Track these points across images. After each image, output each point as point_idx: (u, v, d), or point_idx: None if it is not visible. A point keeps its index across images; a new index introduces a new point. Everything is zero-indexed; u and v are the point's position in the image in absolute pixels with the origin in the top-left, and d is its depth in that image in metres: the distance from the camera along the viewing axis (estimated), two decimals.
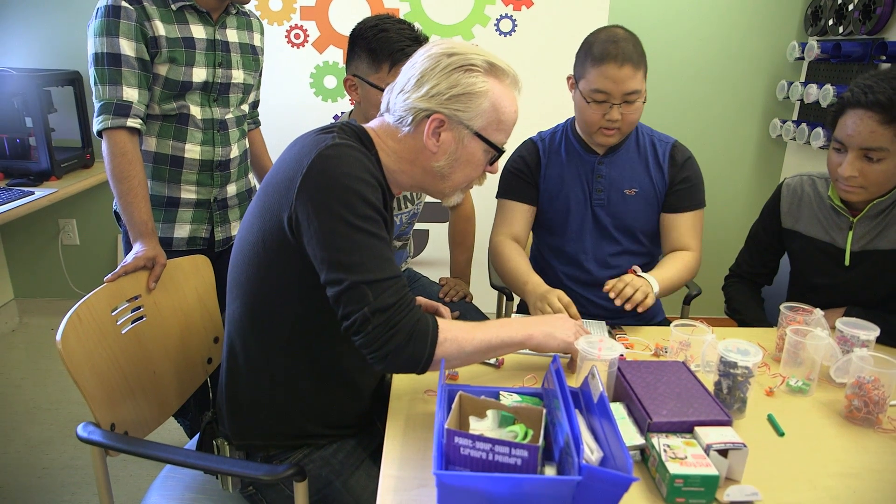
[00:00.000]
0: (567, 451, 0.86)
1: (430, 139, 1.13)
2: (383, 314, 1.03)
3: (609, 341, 1.20)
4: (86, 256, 3.23)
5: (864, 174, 1.42)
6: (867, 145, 1.39)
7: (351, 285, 1.03)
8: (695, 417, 1.04)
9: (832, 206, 1.57)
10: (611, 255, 1.73)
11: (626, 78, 1.51)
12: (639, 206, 1.70)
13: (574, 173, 1.72)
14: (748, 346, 1.17)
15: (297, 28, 2.81)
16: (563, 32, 2.81)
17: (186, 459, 1.14)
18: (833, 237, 1.58)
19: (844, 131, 1.42)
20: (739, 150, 3.16)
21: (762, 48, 3.00)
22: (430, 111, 1.11)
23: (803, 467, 1.04)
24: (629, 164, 1.70)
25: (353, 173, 1.05)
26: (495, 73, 1.14)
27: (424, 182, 1.20)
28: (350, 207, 1.03)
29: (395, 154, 1.17)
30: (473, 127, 1.13)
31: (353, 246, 1.03)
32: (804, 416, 1.20)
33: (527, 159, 1.75)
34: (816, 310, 1.38)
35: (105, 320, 1.31)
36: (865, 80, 1.40)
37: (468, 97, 1.11)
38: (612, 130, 1.60)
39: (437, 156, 1.15)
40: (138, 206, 1.59)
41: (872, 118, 1.37)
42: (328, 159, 1.05)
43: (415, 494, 0.94)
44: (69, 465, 2.18)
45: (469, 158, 1.16)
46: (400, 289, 1.07)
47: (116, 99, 1.57)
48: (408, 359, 1.06)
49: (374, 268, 1.04)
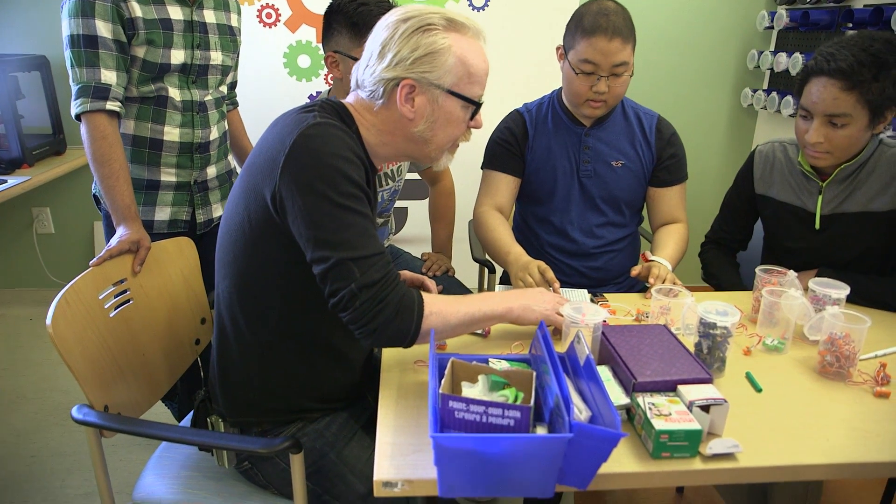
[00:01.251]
0: (557, 412, 0.90)
1: (405, 106, 1.13)
2: (370, 290, 1.05)
3: (592, 307, 1.23)
4: (61, 244, 3.19)
5: (830, 140, 1.46)
6: (831, 112, 1.43)
7: (337, 262, 1.04)
8: (677, 377, 1.08)
9: (802, 172, 1.62)
10: (596, 226, 1.77)
11: (616, 51, 1.54)
12: (625, 177, 1.74)
13: (561, 144, 1.74)
14: (726, 308, 1.21)
15: (269, 7, 2.77)
16: (536, 5, 2.81)
17: (183, 436, 1.16)
18: (804, 201, 1.62)
19: (809, 99, 1.46)
20: (711, 120, 3.21)
21: (732, 18, 3.04)
22: (397, 79, 1.11)
23: (780, 420, 1.09)
24: (615, 136, 1.74)
25: (335, 152, 1.06)
26: (455, 27, 1.14)
27: (409, 149, 1.21)
28: (334, 185, 1.04)
29: (374, 127, 1.18)
30: (444, 85, 1.13)
31: (338, 224, 1.05)
32: (780, 373, 1.25)
33: (513, 130, 1.77)
34: (790, 271, 1.43)
35: (93, 304, 1.32)
36: (828, 48, 1.43)
37: (432, 56, 1.11)
38: (598, 102, 1.62)
39: (415, 121, 1.15)
40: (120, 190, 1.58)
41: (835, 85, 1.40)
42: (310, 138, 1.06)
43: (411, 459, 0.97)
44: (58, 451, 2.17)
45: (448, 118, 1.16)
46: (385, 264, 1.09)
47: (94, 82, 1.55)
48: (395, 332, 1.09)
49: (360, 245, 1.06)
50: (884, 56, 1.36)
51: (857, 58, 1.37)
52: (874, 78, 1.36)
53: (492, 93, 2.85)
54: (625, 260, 1.82)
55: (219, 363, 1.26)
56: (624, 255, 1.82)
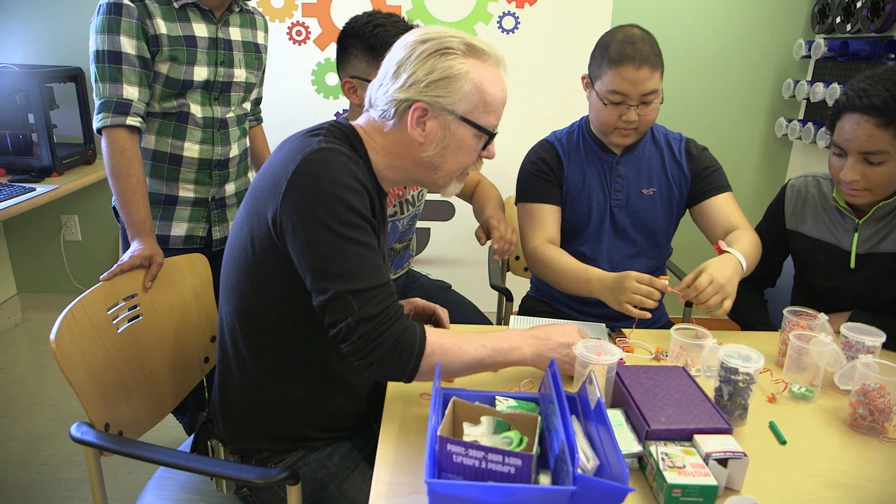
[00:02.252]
0: (562, 459, 0.85)
1: (415, 129, 1.10)
2: (368, 324, 1.02)
3: (608, 346, 1.18)
4: (87, 252, 3.23)
5: (866, 177, 1.40)
6: (866, 149, 1.37)
7: (335, 295, 1.01)
8: (694, 425, 1.02)
9: (837, 208, 1.55)
10: (627, 258, 1.71)
11: (644, 79, 1.49)
12: (657, 205, 1.69)
13: (594, 173, 1.70)
14: (750, 352, 1.15)
15: (299, 25, 2.79)
16: (567, 29, 2.78)
17: (179, 461, 1.13)
18: (838, 239, 1.55)
19: (843, 136, 1.40)
20: (744, 150, 3.13)
21: (768, 46, 2.97)
22: (410, 100, 1.08)
23: (805, 477, 1.02)
24: (646, 162, 1.69)
25: (338, 180, 1.03)
26: (475, 53, 1.09)
27: (417, 174, 1.17)
28: (335, 215, 1.01)
29: (384, 150, 1.15)
30: (458, 112, 1.09)
31: (338, 254, 1.02)
32: (807, 423, 1.18)
33: (548, 161, 1.72)
34: (821, 314, 1.35)
35: (100, 319, 1.30)
36: (860, 83, 1.38)
37: (447, 81, 1.07)
38: (628, 131, 1.58)
39: (425, 146, 1.11)
40: (136, 205, 1.59)
41: (869, 122, 1.34)
42: (313, 164, 1.03)
43: (407, 501, 0.92)
44: (68, 461, 2.17)
45: (459, 145, 1.12)
46: (386, 297, 1.05)
47: (116, 97, 1.56)
48: (393, 368, 1.05)
49: (360, 276, 1.02)
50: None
51: (891, 93, 1.31)
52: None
53: (521, 118, 2.85)
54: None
55: (220, 388, 1.23)
56: None
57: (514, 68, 2.89)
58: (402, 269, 1.97)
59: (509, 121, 2.88)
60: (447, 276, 2.10)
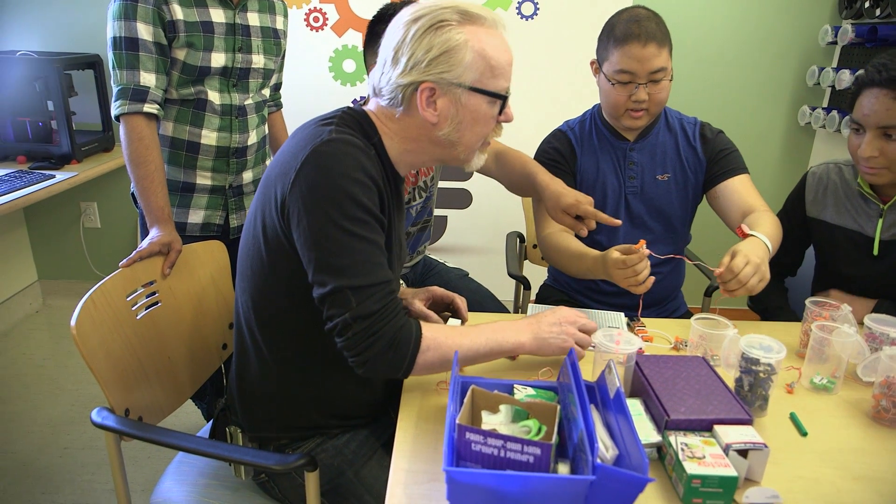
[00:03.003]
0: (581, 449, 0.84)
1: (427, 110, 1.07)
2: (364, 321, 1.01)
3: (627, 335, 1.17)
4: (107, 239, 3.26)
5: (885, 153, 1.38)
6: (884, 123, 1.36)
7: (334, 290, 1.01)
8: (714, 415, 1.01)
9: (860, 193, 1.52)
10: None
11: (651, 56, 1.47)
12: (672, 191, 1.67)
13: (608, 160, 1.68)
14: (771, 343, 1.14)
15: (316, 11, 2.78)
16: (586, 15, 2.75)
17: (198, 447, 1.14)
18: (861, 225, 1.53)
19: (861, 111, 1.39)
20: (766, 138, 3.08)
21: (792, 31, 2.91)
22: (415, 83, 1.05)
23: (826, 469, 1.01)
24: (660, 148, 1.66)
25: (346, 173, 1.01)
26: (471, 19, 1.06)
27: (437, 154, 1.15)
28: (341, 209, 1.00)
29: (397, 135, 1.13)
30: (466, 83, 1.06)
31: (341, 249, 1.01)
32: (828, 415, 1.16)
33: (561, 150, 1.70)
34: (844, 305, 1.33)
35: (120, 305, 1.31)
36: (880, 59, 1.37)
37: (448, 55, 1.04)
38: (639, 112, 1.56)
39: (440, 124, 1.09)
40: (155, 192, 1.59)
41: (888, 95, 1.34)
42: (323, 156, 1.02)
43: (425, 489, 0.92)
44: (89, 445, 2.21)
45: (474, 116, 1.09)
46: (385, 295, 1.04)
47: (133, 84, 1.56)
48: (387, 365, 1.05)
49: (360, 273, 1.01)
50: None
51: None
52: None
53: (540, 105, 2.81)
54: (671, 282, 1.74)
55: (238, 376, 1.24)
56: (671, 278, 1.74)
57: (534, 54, 2.86)
58: (419, 254, 1.96)
59: (529, 107, 2.87)
60: (464, 264, 2.10)
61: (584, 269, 1.51)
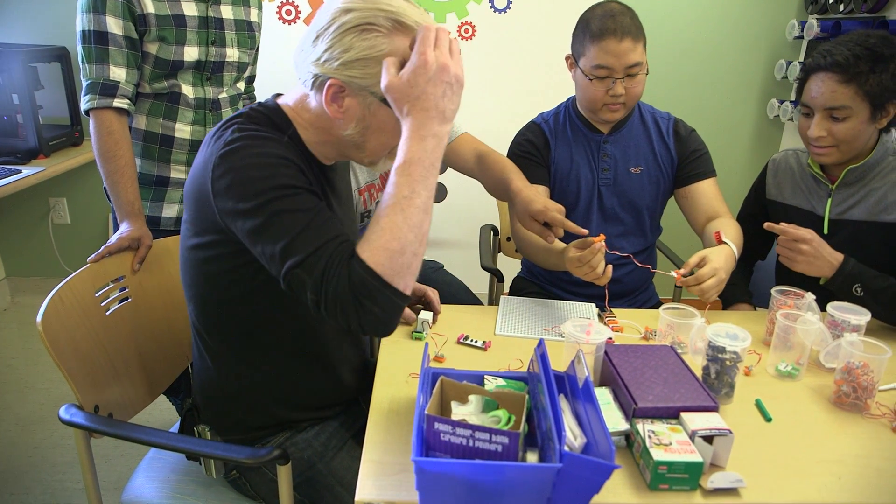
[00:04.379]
0: (549, 437, 0.85)
1: (331, 105, 1.01)
2: (321, 288, 0.92)
3: (597, 325, 1.18)
4: (77, 235, 3.21)
5: (832, 133, 1.45)
6: (830, 104, 1.43)
7: (287, 275, 0.94)
8: (681, 403, 1.02)
9: (812, 175, 1.60)
10: (615, 237, 1.71)
11: (627, 51, 1.49)
12: (644, 184, 1.69)
13: (582, 153, 1.70)
14: (737, 331, 1.16)
15: (289, 4, 2.76)
16: (559, 8, 2.76)
17: (169, 442, 1.13)
18: (813, 205, 1.60)
19: (809, 94, 1.47)
20: (737, 130, 3.13)
21: (761, 26, 2.95)
22: (324, 77, 0.99)
23: (789, 453, 1.03)
24: (634, 141, 1.69)
25: (252, 162, 0.97)
26: (402, 30, 0.97)
27: (345, 151, 1.11)
28: (257, 197, 0.95)
29: (312, 126, 1.08)
30: (378, 94, 0.98)
31: (274, 232, 0.95)
32: (793, 401, 1.19)
33: (535, 142, 1.72)
34: (808, 294, 1.36)
35: (88, 302, 1.30)
36: (825, 45, 1.45)
37: (365, 62, 0.97)
38: (616, 105, 1.58)
39: (344, 123, 1.03)
40: (125, 186, 1.57)
41: (832, 79, 1.41)
42: (227, 158, 0.98)
43: (395, 480, 0.93)
44: (60, 444, 2.18)
45: (382, 127, 1.03)
46: (325, 254, 0.94)
47: (103, 78, 1.54)
48: (373, 318, 0.93)
49: (298, 246, 0.94)
50: (880, 49, 1.38)
51: (852, 51, 1.38)
52: (871, 70, 1.38)
53: (513, 98, 2.82)
54: (642, 273, 1.77)
55: (199, 381, 1.24)
56: (641, 269, 1.77)
57: (507, 48, 2.87)
58: None
59: (502, 99, 2.88)
60: (439, 257, 2.10)
61: (551, 264, 1.55)
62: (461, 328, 1.39)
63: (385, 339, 1.35)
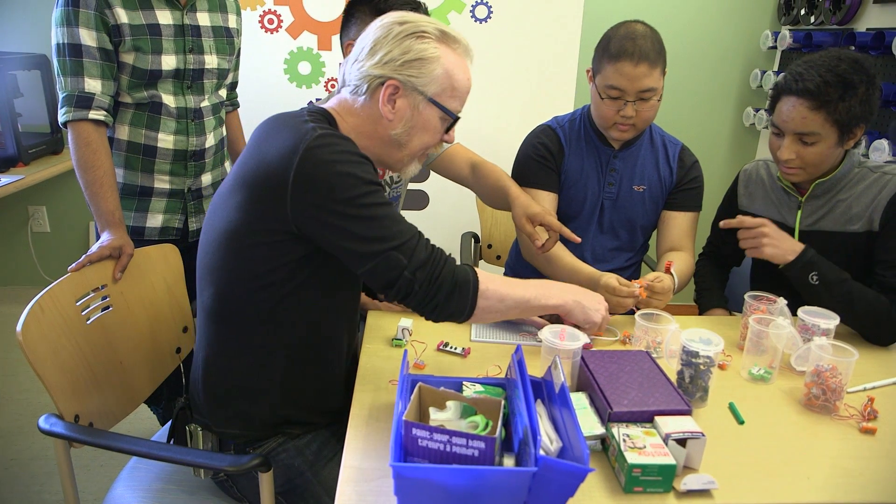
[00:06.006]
0: (525, 442, 0.87)
1: (386, 106, 1.14)
2: (423, 270, 1.08)
3: (573, 331, 1.20)
4: (56, 244, 3.19)
5: (801, 156, 1.49)
6: (800, 130, 1.45)
7: (382, 256, 1.06)
8: (655, 407, 1.05)
9: (783, 188, 1.64)
10: (609, 250, 1.75)
11: (642, 76, 1.51)
12: (644, 203, 1.73)
13: (592, 164, 1.72)
14: (711, 336, 1.19)
15: (271, 13, 2.76)
16: (539, 19, 2.79)
17: (149, 451, 1.14)
18: (784, 216, 1.64)
19: (780, 117, 1.49)
20: (714, 138, 3.18)
21: (736, 36, 3.02)
22: (384, 77, 1.12)
23: (761, 455, 1.06)
24: (641, 160, 1.72)
25: (344, 158, 1.06)
26: (447, 40, 1.15)
27: (382, 154, 1.21)
28: (352, 191, 1.05)
29: (354, 131, 1.17)
30: (427, 93, 1.14)
31: (370, 223, 1.06)
32: (765, 404, 1.22)
33: (549, 146, 1.73)
34: (780, 299, 1.40)
35: (69, 311, 1.30)
36: (797, 68, 1.46)
37: (421, 63, 1.12)
38: (626, 126, 1.60)
39: (394, 123, 1.16)
40: (104, 196, 1.57)
41: (803, 105, 1.43)
42: (318, 152, 1.04)
43: (375, 485, 0.94)
44: (38, 455, 2.15)
45: (425, 125, 1.17)
46: (427, 243, 1.12)
47: (78, 91, 1.54)
48: (456, 307, 1.12)
49: (396, 234, 1.08)
50: (849, 77, 1.39)
51: (823, 78, 1.40)
52: (840, 98, 1.40)
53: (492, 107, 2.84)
54: None
55: (203, 375, 1.23)
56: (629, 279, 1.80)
57: (487, 58, 2.89)
58: None
59: (480, 109, 2.90)
60: None
61: (575, 282, 1.57)
62: (441, 335, 1.41)
63: (365, 347, 1.36)
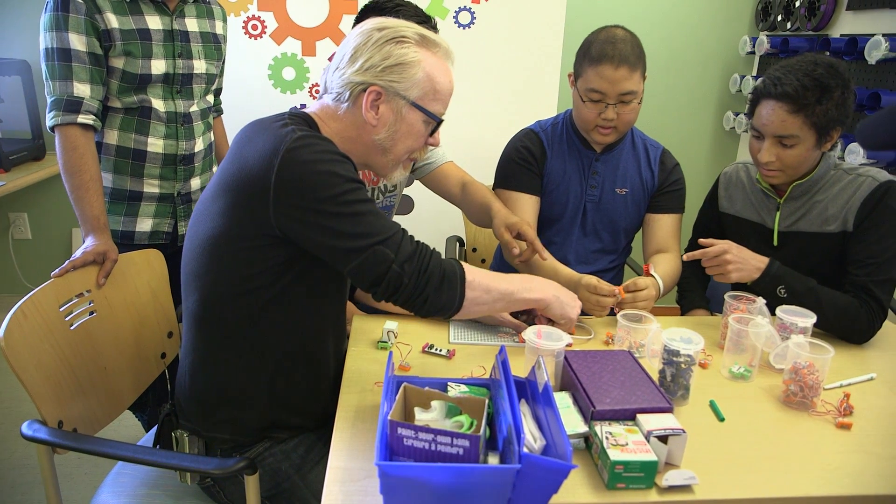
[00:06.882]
0: (509, 440, 0.88)
1: (369, 112, 1.15)
2: (411, 262, 1.08)
3: (556, 331, 1.22)
4: (38, 251, 3.15)
5: (781, 159, 1.51)
6: (780, 133, 1.48)
7: (368, 251, 1.06)
8: (637, 405, 1.07)
9: (762, 190, 1.67)
10: (592, 252, 1.77)
11: (622, 79, 1.54)
12: (627, 205, 1.75)
13: (574, 167, 1.74)
14: (691, 335, 1.21)
15: (255, 19, 2.77)
16: (522, 25, 2.82)
17: (135, 455, 1.13)
18: (763, 218, 1.67)
19: (760, 120, 1.52)
20: (695, 142, 3.23)
21: (715, 42, 3.06)
22: (366, 84, 1.13)
23: (741, 451, 1.08)
24: (623, 163, 1.74)
25: (323, 158, 1.07)
26: (427, 44, 1.17)
27: (368, 159, 1.22)
28: (334, 190, 1.05)
29: (337, 135, 1.18)
30: (410, 97, 1.15)
31: (354, 220, 1.07)
32: (745, 401, 1.24)
33: (531, 149, 1.75)
34: (759, 298, 1.42)
35: (52, 316, 1.29)
36: (776, 72, 1.49)
37: (402, 67, 1.13)
38: (608, 129, 1.62)
39: (378, 128, 1.17)
40: (90, 201, 1.56)
41: (782, 108, 1.46)
42: (296, 153, 1.05)
43: (361, 485, 0.95)
44: (20, 464, 2.13)
45: (409, 130, 1.18)
46: (411, 238, 1.12)
47: (67, 95, 1.54)
48: (446, 299, 1.12)
49: (382, 229, 1.08)
50: (826, 80, 1.43)
51: (801, 82, 1.43)
52: (818, 101, 1.43)
53: (478, 111, 2.85)
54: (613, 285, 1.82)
55: (190, 380, 1.23)
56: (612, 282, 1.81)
57: (471, 63, 2.92)
58: None
59: (464, 114, 2.92)
60: None
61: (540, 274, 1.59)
62: (426, 337, 1.42)
63: (351, 349, 1.37)
